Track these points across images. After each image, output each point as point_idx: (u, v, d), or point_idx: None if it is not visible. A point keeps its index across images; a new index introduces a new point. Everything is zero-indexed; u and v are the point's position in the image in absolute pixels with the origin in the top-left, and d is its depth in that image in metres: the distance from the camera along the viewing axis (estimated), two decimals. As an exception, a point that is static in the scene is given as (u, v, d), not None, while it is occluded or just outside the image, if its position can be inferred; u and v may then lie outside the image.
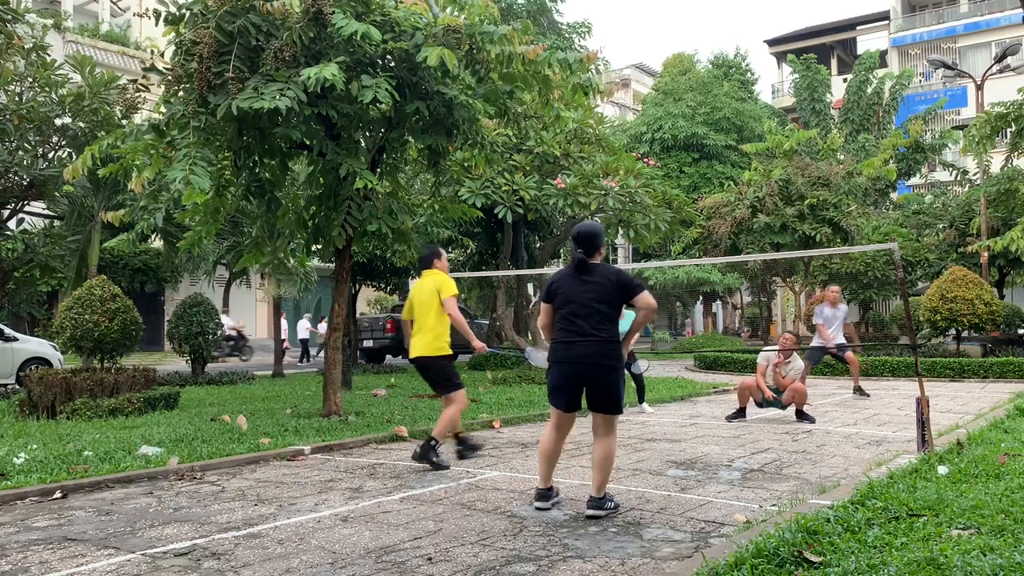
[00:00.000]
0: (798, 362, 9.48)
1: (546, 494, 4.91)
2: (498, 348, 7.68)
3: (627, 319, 9.86)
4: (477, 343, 6.81)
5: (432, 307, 6.51)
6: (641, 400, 10.34)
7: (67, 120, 13.26)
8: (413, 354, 6.61)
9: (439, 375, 6.62)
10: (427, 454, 6.33)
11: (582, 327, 4.66)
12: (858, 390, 11.62)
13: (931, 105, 30.32)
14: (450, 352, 6.57)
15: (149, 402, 9.76)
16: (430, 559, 3.89)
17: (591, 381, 4.69)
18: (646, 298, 4.77)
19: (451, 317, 6.50)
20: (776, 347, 10.00)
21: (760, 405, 9.49)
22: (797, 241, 19.09)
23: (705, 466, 6.38)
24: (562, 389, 4.78)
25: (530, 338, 16.97)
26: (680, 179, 30.71)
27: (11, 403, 10.22)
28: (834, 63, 43.41)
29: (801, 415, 9.17)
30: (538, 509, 4.86)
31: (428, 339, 6.50)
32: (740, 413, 9.46)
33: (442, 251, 6.90)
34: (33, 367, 12.77)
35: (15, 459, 6.36)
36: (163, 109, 8.56)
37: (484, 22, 7.95)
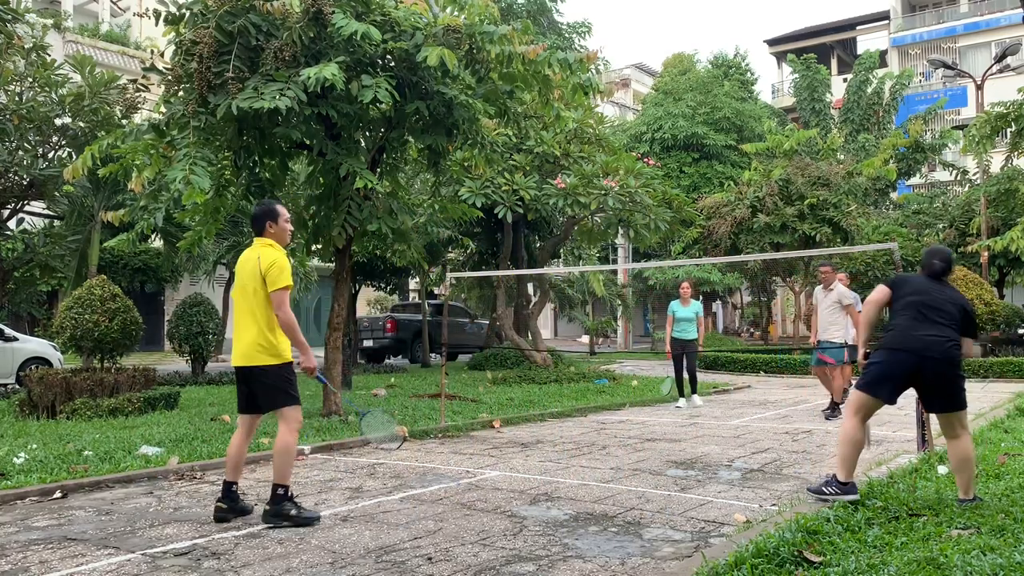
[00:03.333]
0: (840, 289, 9.47)
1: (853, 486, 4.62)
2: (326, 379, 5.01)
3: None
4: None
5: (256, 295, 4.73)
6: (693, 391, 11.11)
7: (67, 120, 13.26)
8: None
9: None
10: (281, 510, 4.62)
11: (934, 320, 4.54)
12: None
13: (931, 105, 30.29)
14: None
15: (149, 402, 9.76)
16: (430, 559, 3.89)
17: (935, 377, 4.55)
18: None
19: (279, 318, 4.69)
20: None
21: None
22: (797, 241, 19.09)
23: (705, 466, 6.38)
24: (897, 378, 4.55)
25: (530, 338, 16.97)
26: (680, 179, 30.69)
27: (11, 403, 10.22)
28: (834, 63, 43.38)
29: (834, 407, 9.33)
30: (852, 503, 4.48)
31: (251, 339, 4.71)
32: (835, 408, 9.40)
33: (282, 209, 4.94)
34: (33, 367, 12.76)
35: (15, 459, 6.36)
36: (163, 109, 8.56)
37: (484, 22, 7.95)
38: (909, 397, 4.91)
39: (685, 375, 10.99)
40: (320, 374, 4.99)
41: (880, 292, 4.78)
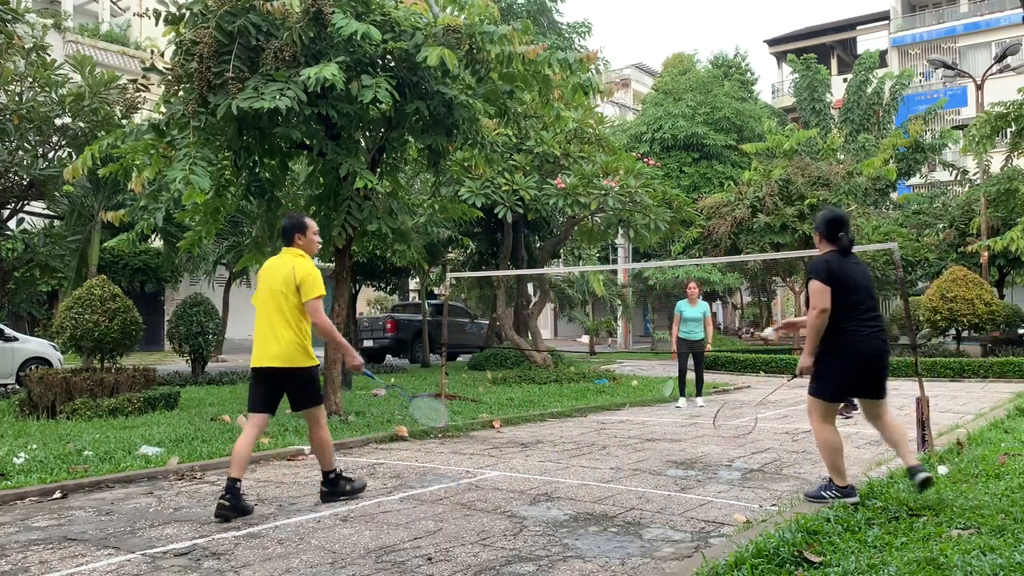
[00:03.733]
0: None
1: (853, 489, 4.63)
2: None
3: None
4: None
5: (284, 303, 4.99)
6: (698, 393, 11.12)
7: (67, 120, 13.26)
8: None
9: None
10: (337, 488, 5.19)
11: (874, 315, 4.64)
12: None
13: (931, 105, 30.30)
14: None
15: (149, 402, 9.75)
16: (430, 559, 3.89)
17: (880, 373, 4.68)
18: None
19: (318, 325, 5.01)
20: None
21: None
22: (797, 241, 19.09)
23: (705, 466, 6.38)
24: (858, 380, 4.64)
25: (530, 338, 16.97)
26: (680, 179, 30.70)
27: (11, 403, 10.22)
28: (834, 63, 43.39)
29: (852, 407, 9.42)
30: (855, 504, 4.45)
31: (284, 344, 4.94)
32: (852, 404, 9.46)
33: (311, 222, 5.27)
34: (33, 367, 12.76)
35: (15, 459, 6.36)
36: (163, 109, 8.56)
37: (484, 22, 7.95)
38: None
39: (690, 375, 11.02)
40: (366, 369, 5.40)
41: (825, 298, 4.55)
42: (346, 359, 5.22)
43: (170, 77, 8.04)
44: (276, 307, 4.96)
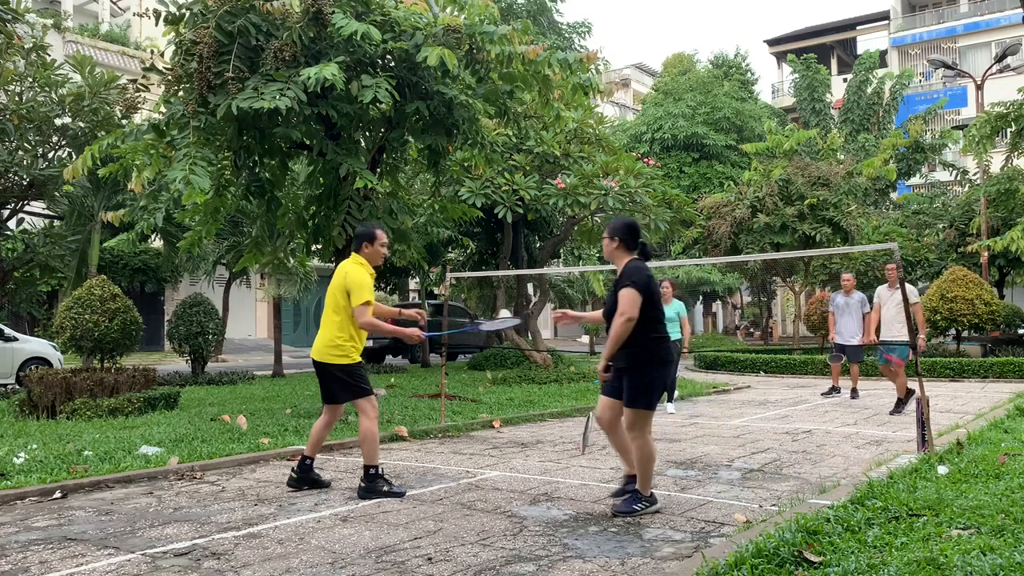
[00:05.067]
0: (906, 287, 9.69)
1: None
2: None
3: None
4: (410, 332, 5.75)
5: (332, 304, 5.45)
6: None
7: (67, 120, 13.27)
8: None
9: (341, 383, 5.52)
10: (374, 487, 5.37)
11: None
12: (853, 392, 11.61)
13: (931, 105, 30.30)
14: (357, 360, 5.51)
15: (149, 402, 9.75)
16: (430, 559, 3.89)
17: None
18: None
19: (363, 327, 5.39)
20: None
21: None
22: (797, 241, 19.09)
23: (705, 466, 6.38)
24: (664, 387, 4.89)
25: (530, 338, 16.97)
26: (680, 179, 30.71)
27: (11, 403, 10.21)
28: (834, 63, 43.40)
29: (900, 403, 9.60)
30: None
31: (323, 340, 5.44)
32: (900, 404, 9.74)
33: (380, 233, 5.59)
34: (33, 367, 12.76)
35: (15, 459, 6.37)
36: (163, 109, 8.57)
37: (484, 22, 7.96)
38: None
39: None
40: (425, 334, 5.91)
41: (636, 307, 4.59)
42: (407, 338, 5.67)
43: (170, 77, 8.05)
44: (330, 306, 5.45)
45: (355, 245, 5.59)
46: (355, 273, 5.39)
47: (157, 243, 20.05)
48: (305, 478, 5.61)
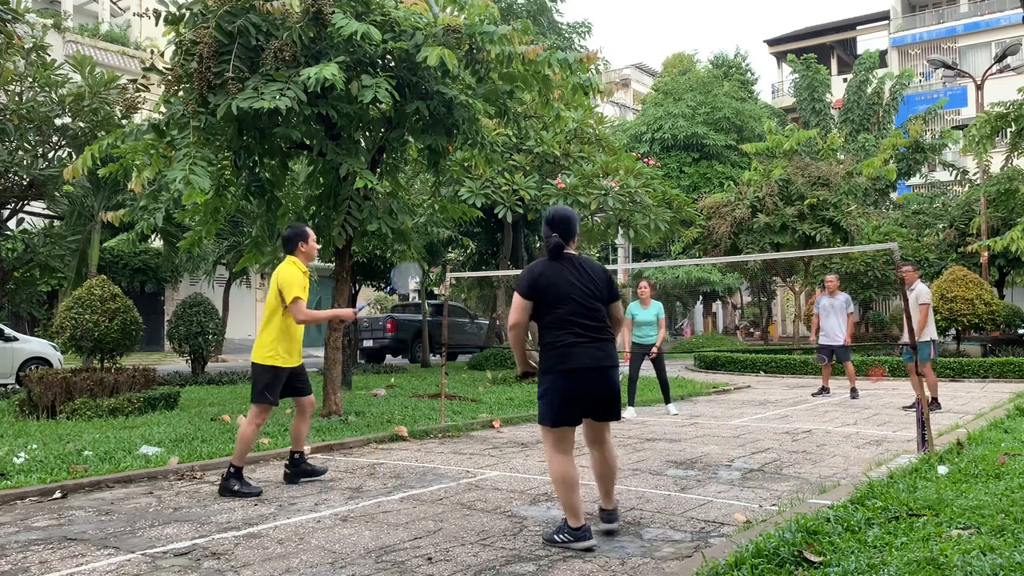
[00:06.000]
0: (920, 288, 9.77)
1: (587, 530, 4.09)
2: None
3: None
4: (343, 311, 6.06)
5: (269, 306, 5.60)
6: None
7: (67, 120, 13.26)
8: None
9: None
10: (228, 485, 5.42)
11: (586, 326, 4.04)
12: (853, 391, 11.61)
13: (931, 105, 30.30)
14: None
15: (149, 402, 9.75)
16: (430, 559, 3.89)
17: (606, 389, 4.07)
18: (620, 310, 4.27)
19: (301, 322, 5.56)
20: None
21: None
22: (797, 241, 19.08)
23: (705, 466, 6.38)
24: (576, 401, 4.03)
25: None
26: (680, 179, 30.71)
27: (11, 403, 10.22)
28: (834, 63, 43.40)
29: (931, 401, 9.54)
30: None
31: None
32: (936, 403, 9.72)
33: (308, 230, 5.74)
34: (33, 367, 12.76)
35: (15, 459, 6.37)
36: (163, 109, 8.56)
37: (484, 22, 7.95)
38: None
39: (642, 381, 10.78)
40: (360, 305, 6.31)
41: (524, 311, 4.11)
42: (342, 317, 5.78)
43: (170, 77, 8.04)
44: (266, 311, 5.63)
45: (289, 247, 5.70)
46: (286, 272, 5.54)
47: (157, 243, 20.04)
48: (298, 471, 5.83)
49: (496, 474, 6.12)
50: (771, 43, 45.95)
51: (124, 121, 13.08)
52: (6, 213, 14.06)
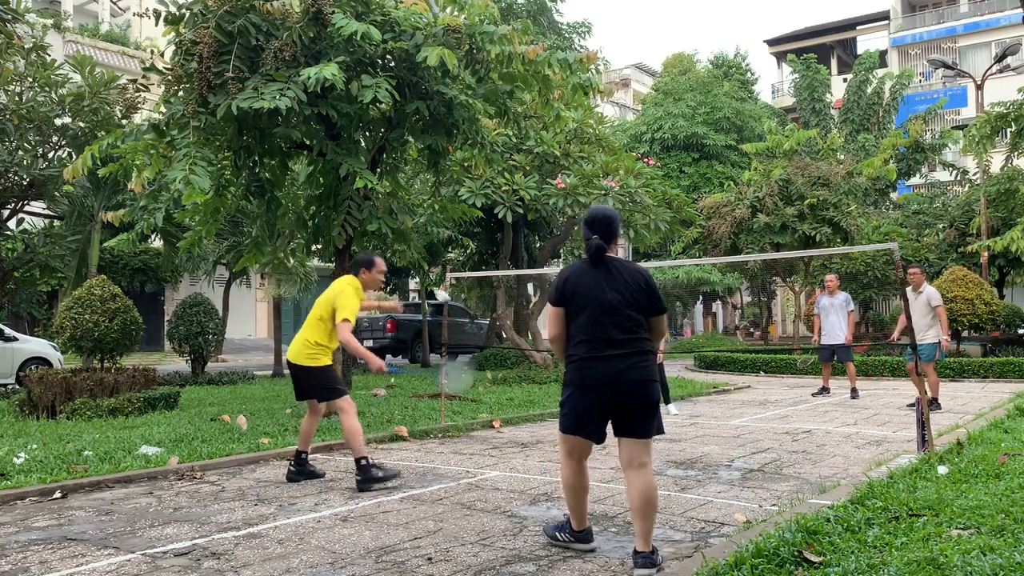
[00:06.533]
0: (929, 290, 9.79)
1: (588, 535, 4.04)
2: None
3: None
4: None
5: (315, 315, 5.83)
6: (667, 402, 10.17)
7: (67, 120, 13.27)
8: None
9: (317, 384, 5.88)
10: (369, 475, 5.60)
11: (609, 338, 3.71)
12: (853, 391, 11.61)
13: (931, 105, 30.29)
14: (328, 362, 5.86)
15: (149, 402, 9.76)
16: (430, 559, 3.89)
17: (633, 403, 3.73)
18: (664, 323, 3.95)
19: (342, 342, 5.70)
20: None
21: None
22: (797, 241, 19.08)
23: (705, 466, 6.38)
24: (589, 416, 3.78)
25: (530, 338, 16.97)
26: (680, 179, 30.70)
27: (11, 403, 10.22)
28: (834, 63, 43.39)
29: (931, 401, 9.52)
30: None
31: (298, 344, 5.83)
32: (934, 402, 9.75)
33: (380, 261, 5.92)
34: (33, 367, 12.77)
35: (15, 459, 6.37)
36: (163, 109, 8.57)
37: (484, 22, 7.96)
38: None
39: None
40: (389, 368, 6.17)
41: (556, 320, 3.89)
42: (371, 365, 5.64)
43: (170, 77, 8.05)
44: (315, 313, 5.81)
45: (354, 269, 5.88)
46: (346, 295, 5.69)
47: (157, 243, 20.05)
48: (303, 471, 5.95)
49: (496, 474, 6.12)
50: (771, 43, 45.95)
51: (124, 121, 13.08)
52: (6, 213, 14.06)
